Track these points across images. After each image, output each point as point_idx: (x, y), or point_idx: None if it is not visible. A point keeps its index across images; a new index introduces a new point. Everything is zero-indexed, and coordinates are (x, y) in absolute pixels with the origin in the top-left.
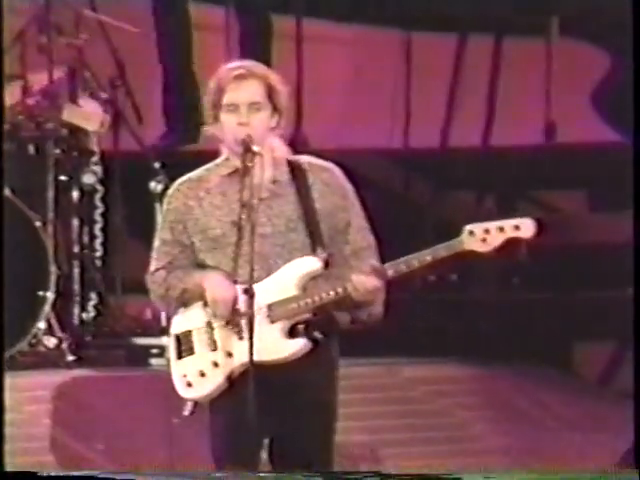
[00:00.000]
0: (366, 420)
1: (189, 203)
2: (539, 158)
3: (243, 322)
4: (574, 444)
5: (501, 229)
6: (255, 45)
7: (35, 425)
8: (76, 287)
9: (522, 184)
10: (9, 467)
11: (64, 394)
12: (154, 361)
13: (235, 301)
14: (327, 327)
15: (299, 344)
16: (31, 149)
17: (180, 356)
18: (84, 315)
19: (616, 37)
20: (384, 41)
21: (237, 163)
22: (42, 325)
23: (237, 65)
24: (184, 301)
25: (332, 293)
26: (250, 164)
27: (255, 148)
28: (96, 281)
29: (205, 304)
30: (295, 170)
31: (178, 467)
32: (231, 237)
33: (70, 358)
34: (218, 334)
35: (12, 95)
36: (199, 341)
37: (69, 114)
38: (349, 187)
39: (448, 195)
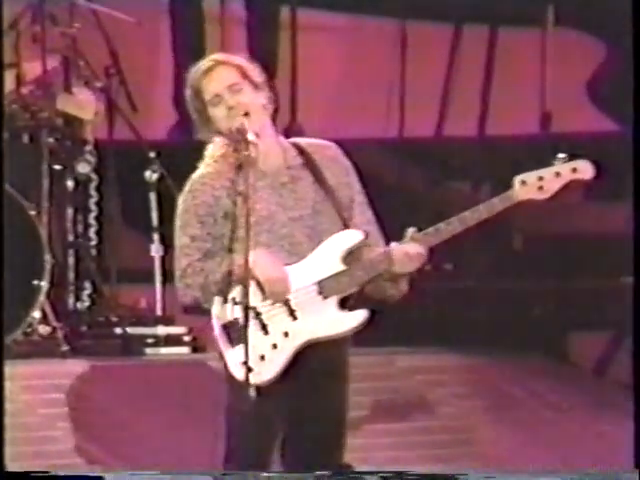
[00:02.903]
0: (360, 410)
1: (216, 194)
2: (534, 148)
3: (293, 301)
4: (570, 434)
5: (557, 174)
6: (262, 37)
7: (30, 414)
8: (71, 276)
9: (517, 174)
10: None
11: (59, 383)
12: (149, 350)
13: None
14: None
15: (361, 315)
16: (25, 138)
17: (233, 345)
18: (79, 304)
19: (612, 26)
20: (379, 30)
21: (245, 153)
22: (37, 314)
23: (201, 63)
24: (225, 285)
25: (377, 262)
26: (246, 152)
27: (250, 137)
28: (91, 270)
29: (259, 287)
30: (302, 153)
31: (176, 457)
32: (264, 224)
33: (65, 348)
34: (267, 317)
35: (6, 84)
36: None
37: (63, 103)
38: (349, 164)
39: (443, 185)
